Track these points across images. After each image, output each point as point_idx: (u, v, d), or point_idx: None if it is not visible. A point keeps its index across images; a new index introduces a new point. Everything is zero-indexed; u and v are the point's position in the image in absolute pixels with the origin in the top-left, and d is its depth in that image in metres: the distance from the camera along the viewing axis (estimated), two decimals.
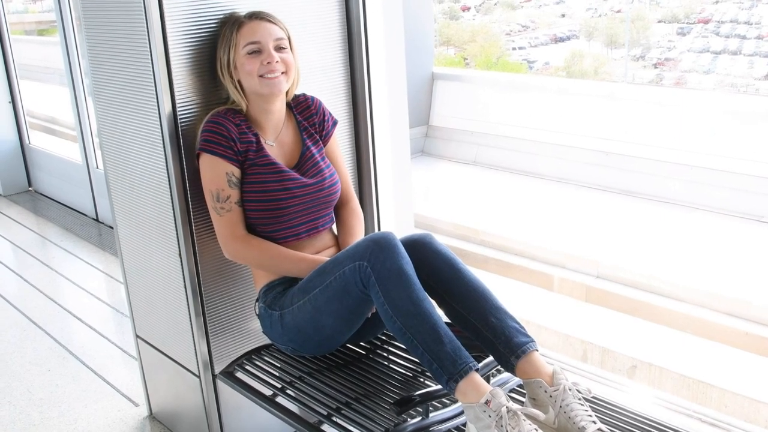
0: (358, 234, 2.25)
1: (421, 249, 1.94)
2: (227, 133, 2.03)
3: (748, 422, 2.88)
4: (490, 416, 1.66)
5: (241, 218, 2.09)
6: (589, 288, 6.46)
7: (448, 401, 1.89)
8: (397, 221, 2.82)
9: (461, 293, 1.91)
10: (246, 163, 2.07)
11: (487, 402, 1.68)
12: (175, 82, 2.09)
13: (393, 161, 2.78)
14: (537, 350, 1.83)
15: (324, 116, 2.25)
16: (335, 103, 2.50)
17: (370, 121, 2.57)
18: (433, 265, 1.93)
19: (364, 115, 2.56)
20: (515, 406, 1.66)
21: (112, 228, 2.72)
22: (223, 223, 2.08)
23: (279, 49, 2.06)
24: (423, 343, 1.77)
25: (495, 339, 1.85)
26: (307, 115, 2.23)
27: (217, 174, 2.05)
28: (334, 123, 2.29)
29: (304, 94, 2.25)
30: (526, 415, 1.67)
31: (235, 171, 2.06)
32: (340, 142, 2.40)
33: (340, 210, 2.29)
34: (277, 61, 2.04)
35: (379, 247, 1.84)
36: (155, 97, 2.11)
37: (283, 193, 2.07)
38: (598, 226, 7.41)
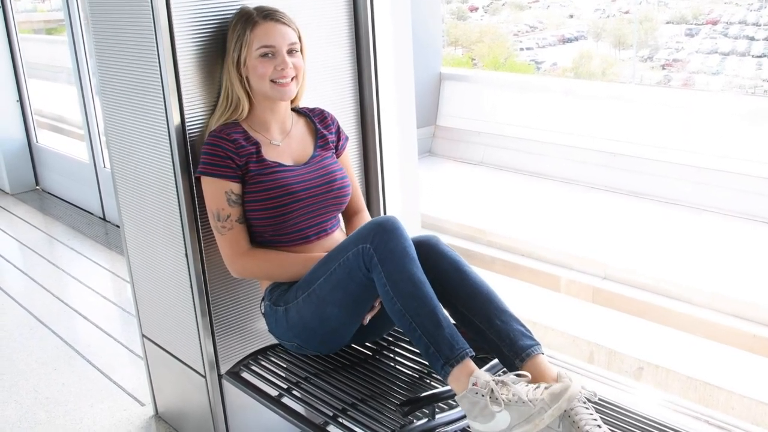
0: None
1: (426, 251, 1.94)
2: (223, 152, 2.04)
3: (756, 425, 2.87)
4: (483, 396, 1.67)
5: (243, 235, 2.09)
6: (596, 289, 6.44)
7: (454, 403, 1.88)
8: (404, 221, 2.80)
9: (466, 295, 1.91)
10: (247, 176, 2.07)
11: (474, 384, 1.69)
12: (182, 81, 2.09)
13: (400, 161, 2.78)
14: (542, 353, 1.82)
15: (339, 133, 2.29)
16: (343, 103, 2.50)
17: (377, 122, 2.56)
18: (438, 267, 1.93)
19: (372, 116, 2.55)
20: (501, 377, 1.68)
21: (118, 227, 2.73)
22: (226, 241, 2.09)
23: (291, 52, 2.07)
24: (421, 326, 1.77)
25: (500, 342, 1.85)
26: (324, 125, 2.25)
27: (217, 194, 2.06)
28: (346, 139, 2.32)
29: (321, 110, 2.28)
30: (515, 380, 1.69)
31: (234, 188, 2.06)
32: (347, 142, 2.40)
33: (352, 218, 2.30)
34: (290, 67, 2.05)
35: (382, 228, 1.86)
36: (162, 96, 2.11)
37: (286, 198, 2.07)
38: (606, 227, 7.38)
